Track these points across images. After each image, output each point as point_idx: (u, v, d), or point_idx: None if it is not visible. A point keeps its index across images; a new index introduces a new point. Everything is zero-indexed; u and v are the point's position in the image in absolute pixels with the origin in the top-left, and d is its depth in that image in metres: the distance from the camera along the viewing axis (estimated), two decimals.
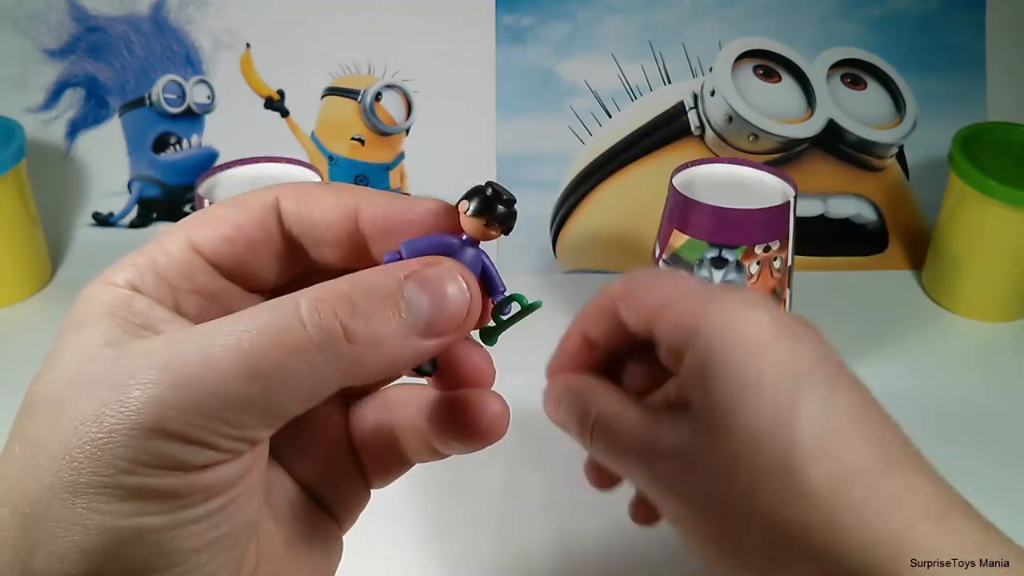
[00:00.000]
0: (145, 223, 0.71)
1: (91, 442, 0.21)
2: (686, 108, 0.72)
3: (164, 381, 0.21)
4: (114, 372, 0.21)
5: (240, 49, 0.71)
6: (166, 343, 0.22)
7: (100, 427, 0.21)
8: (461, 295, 0.24)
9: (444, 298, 0.24)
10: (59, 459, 0.21)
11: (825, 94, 0.72)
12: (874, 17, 0.73)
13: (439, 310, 0.23)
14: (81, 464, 0.21)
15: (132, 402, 0.21)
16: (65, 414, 0.21)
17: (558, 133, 0.71)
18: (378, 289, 0.23)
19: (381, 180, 0.72)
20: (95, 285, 0.24)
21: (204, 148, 0.72)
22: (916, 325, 0.64)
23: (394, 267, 0.24)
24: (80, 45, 0.71)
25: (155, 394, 0.21)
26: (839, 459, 0.27)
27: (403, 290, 0.23)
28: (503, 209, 0.24)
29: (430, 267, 0.24)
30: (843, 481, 0.27)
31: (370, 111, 0.72)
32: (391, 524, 0.48)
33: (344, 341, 0.22)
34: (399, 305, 0.23)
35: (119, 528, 0.21)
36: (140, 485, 0.21)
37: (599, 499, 0.40)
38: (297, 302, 0.22)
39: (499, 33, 0.71)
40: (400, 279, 0.23)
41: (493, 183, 0.24)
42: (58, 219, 0.70)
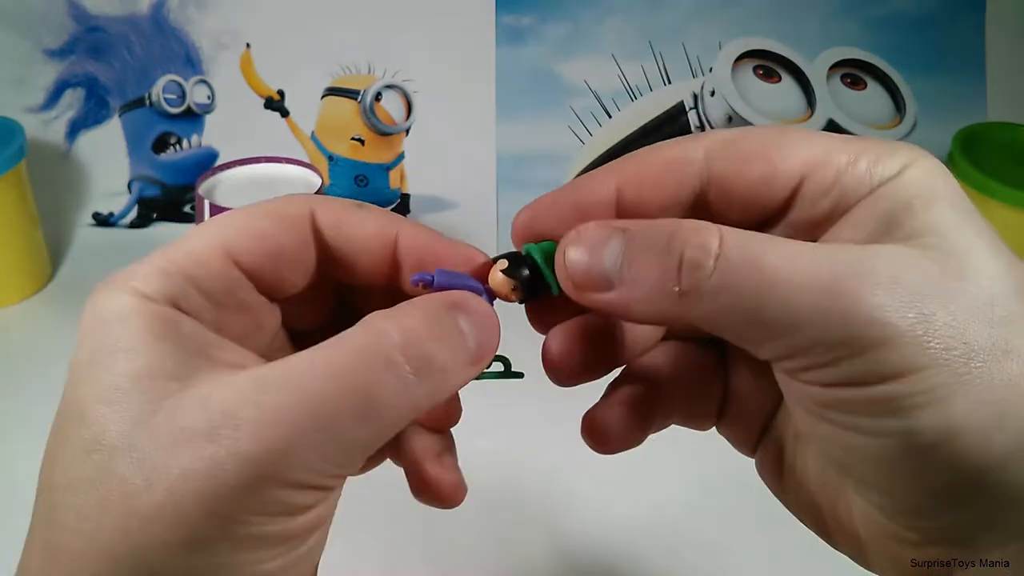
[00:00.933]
0: (145, 223, 0.71)
1: (206, 498, 0.20)
2: (686, 108, 0.72)
3: (271, 429, 0.20)
4: (209, 418, 0.20)
5: (240, 49, 0.71)
6: (255, 381, 0.21)
7: (213, 481, 0.20)
8: (497, 328, 0.24)
9: (491, 330, 0.24)
10: (167, 515, 0.20)
11: (825, 94, 0.72)
12: (874, 17, 0.73)
13: (486, 341, 0.24)
14: (197, 519, 0.20)
15: (244, 453, 0.20)
16: (160, 466, 0.20)
17: (558, 133, 0.71)
18: (445, 322, 0.23)
19: (381, 180, 0.72)
20: (122, 296, 0.23)
21: (204, 148, 0.72)
22: None
23: (447, 301, 0.24)
24: (80, 45, 0.71)
25: (267, 444, 0.20)
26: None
27: (461, 324, 0.24)
28: (531, 279, 0.26)
29: (476, 302, 0.24)
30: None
31: (370, 111, 0.72)
32: (392, 528, 0.48)
33: (431, 375, 0.22)
34: (463, 336, 0.23)
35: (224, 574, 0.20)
36: (260, 534, 0.21)
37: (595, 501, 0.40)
38: (387, 339, 0.22)
39: (499, 33, 0.71)
40: (456, 312, 0.24)
41: (533, 258, 0.26)
42: (58, 219, 0.70)
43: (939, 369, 0.21)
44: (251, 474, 0.20)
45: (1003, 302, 0.22)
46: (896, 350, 0.21)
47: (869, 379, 0.21)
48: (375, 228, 0.26)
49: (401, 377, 0.22)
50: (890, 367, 0.21)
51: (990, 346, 0.21)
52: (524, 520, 0.49)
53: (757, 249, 0.22)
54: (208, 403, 0.21)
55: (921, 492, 0.22)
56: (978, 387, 0.21)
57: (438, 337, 0.23)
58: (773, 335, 0.22)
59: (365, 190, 0.72)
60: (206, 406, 0.20)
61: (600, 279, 0.23)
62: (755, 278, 0.21)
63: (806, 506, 0.27)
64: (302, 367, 0.21)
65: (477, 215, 0.71)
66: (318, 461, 0.21)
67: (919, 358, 0.21)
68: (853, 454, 0.22)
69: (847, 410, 0.22)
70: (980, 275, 0.22)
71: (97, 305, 0.23)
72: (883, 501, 0.23)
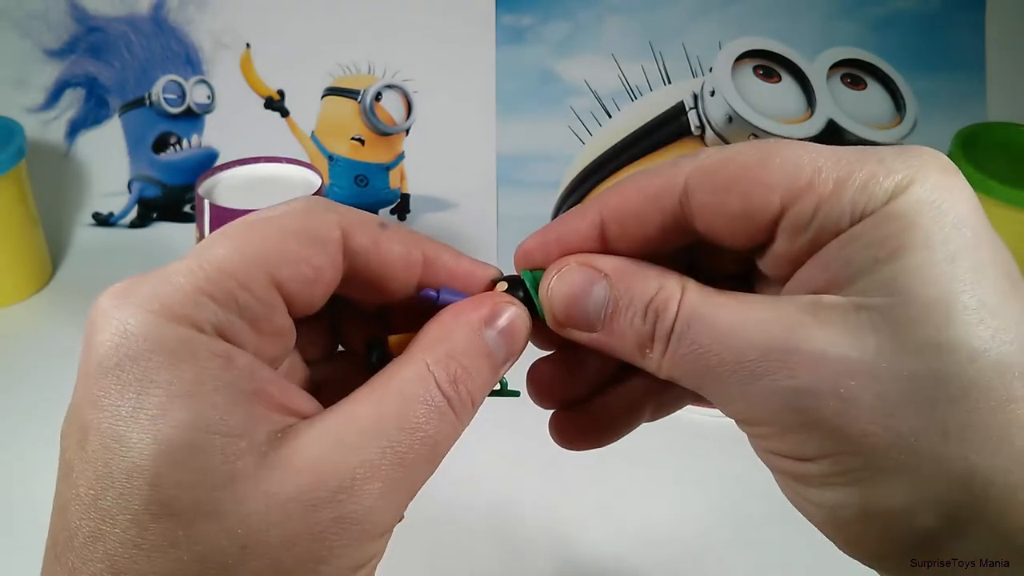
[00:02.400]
0: (145, 223, 0.71)
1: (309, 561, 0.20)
2: (686, 108, 0.72)
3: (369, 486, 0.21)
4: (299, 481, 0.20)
5: (240, 49, 0.71)
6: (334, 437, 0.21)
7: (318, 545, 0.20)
8: (525, 326, 0.26)
9: (517, 345, 0.26)
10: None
11: (825, 94, 0.72)
12: (874, 17, 0.73)
13: (513, 353, 0.25)
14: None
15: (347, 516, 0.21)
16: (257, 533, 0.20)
17: (558, 133, 0.71)
18: (476, 349, 0.24)
19: (381, 180, 0.72)
20: (167, 323, 0.20)
21: (204, 148, 0.72)
22: None
23: (472, 318, 0.25)
24: (80, 45, 0.71)
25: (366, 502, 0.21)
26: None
27: (487, 339, 0.25)
28: (527, 302, 0.27)
29: (510, 319, 0.25)
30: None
31: (370, 111, 0.72)
32: None
33: (472, 406, 0.24)
34: (488, 353, 0.25)
35: None
36: None
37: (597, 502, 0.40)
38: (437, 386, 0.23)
39: (499, 33, 0.71)
40: (483, 326, 0.25)
41: None
42: (58, 219, 0.70)
43: (854, 457, 0.21)
44: (354, 534, 0.21)
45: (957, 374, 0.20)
46: (813, 434, 0.21)
47: (790, 454, 0.22)
48: (402, 252, 0.26)
49: (454, 419, 0.23)
50: (810, 449, 0.21)
51: (920, 429, 0.20)
52: (524, 538, 0.49)
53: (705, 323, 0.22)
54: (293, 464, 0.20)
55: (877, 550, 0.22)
56: (903, 471, 0.20)
57: (473, 371, 0.24)
58: (723, 403, 0.23)
59: (365, 190, 0.72)
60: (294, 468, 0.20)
61: (583, 321, 0.25)
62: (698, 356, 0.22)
63: None
64: (371, 416, 0.22)
65: (477, 215, 0.71)
66: (399, 510, 0.22)
67: (834, 443, 0.21)
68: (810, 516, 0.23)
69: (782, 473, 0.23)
70: (926, 345, 0.20)
71: (128, 325, 0.20)
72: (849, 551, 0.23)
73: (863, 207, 0.21)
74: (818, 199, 0.22)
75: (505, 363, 0.25)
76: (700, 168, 0.23)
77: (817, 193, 0.22)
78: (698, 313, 0.23)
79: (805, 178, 0.22)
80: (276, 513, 0.20)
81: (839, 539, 0.23)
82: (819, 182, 0.22)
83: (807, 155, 0.22)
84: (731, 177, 0.23)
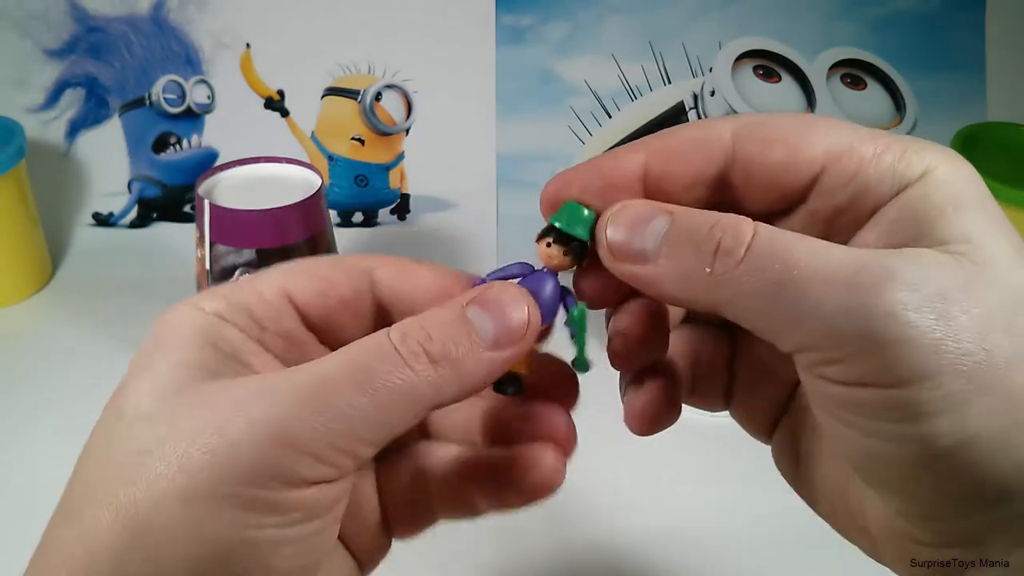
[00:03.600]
0: (145, 223, 0.71)
1: (210, 452, 0.21)
2: (686, 108, 0.72)
3: (287, 399, 0.22)
4: (232, 391, 0.23)
5: (240, 49, 0.71)
6: (278, 374, 0.23)
7: (222, 438, 0.21)
8: (520, 309, 0.25)
9: (505, 313, 0.25)
10: (172, 468, 0.21)
11: (825, 94, 0.72)
12: (874, 17, 0.73)
13: (503, 323, 0.25)
14: (196, 473, 0.21)
15: (257, 415, 0.22)
16: (176, 427, 0.22)
17: (558, 133, 0.71)
18: (445, 318, 0.25)
19: (381, 180, 0.72)
20: (184, 308, 0.25)
21: (204, 148, 0.72)
22: None
23: (455, 299, 0.26)
24: (80, 45, 0.71)
25: (279, 408, 0.22)
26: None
27: (467, 314, 0.25)
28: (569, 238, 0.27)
29: (487, 291, 0.26)
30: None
31: (370, 111, 0.72)
32: None
33: (429, 363, 0.24)
34: (467, 327, 0.25)
35: (226, 539, 0.21)
36: (254, 496, 0.21)
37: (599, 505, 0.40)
38: (386, 333, 0.24)
39: (499, 33, 0.71)
40: (463, 306, 0.25)
41: None
42: (58, 219, 0.70)
43: (956, 375, 0.21)
44: (259, 433, 0.22)
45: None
46: (913, 351, 0.21)
47: (884, 380, 0.21)
48: (431, 282, 0.28)
49: (398, 368, 0.23)
50: (906, 369, 0.21)
51: (1010, 354, 0.21)
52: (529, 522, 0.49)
53: (786, 244, 0.22)
54: (237, 382, 0.23)
55: (939, 498, 0.22)
56: (995, 396, 0.21)
57: (438, 336, 0.24)
58: (791, 325, 0.22)
59: (365, 190, 0.72)
60: (234, 383, 0.23)
61: (638, 252, 0.24)
62: (778, 268, 0.22)
63: (820, 498, 0.28)
64: (317, 361, 0.23)
65: (477, 215, 0.71)
66: (326, 431, 0.22)
67: (936, 362, 0.21)
68: (870, 458, 0.23)
69: (864, 413, 0.22)
70: (1007, 283, 0.22)
71: (164, 316, 0.25)
72: (901, 505, 0.23)
73: (904, 175, 0.23)
74: (859, 161, 0.24)
75: (496, 337, 0.25)
76: (747, 122, 0.25)
77: (859, 156, 0.24)
78: (778, 233, 0.23)
79: (846, 142, 0.24)
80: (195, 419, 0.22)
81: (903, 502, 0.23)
82: (860, 148, 0.24)
83: (846, 126, 0.25)
84: (778, 131, 0.25)
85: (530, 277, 0.27)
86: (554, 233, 0.27)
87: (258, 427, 0.22)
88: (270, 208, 0.50)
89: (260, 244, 0.50)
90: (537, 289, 0.27)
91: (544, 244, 0.27)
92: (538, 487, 0.27)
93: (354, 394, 0.23)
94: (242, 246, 0.50)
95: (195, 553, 0.21)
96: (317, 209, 0.52)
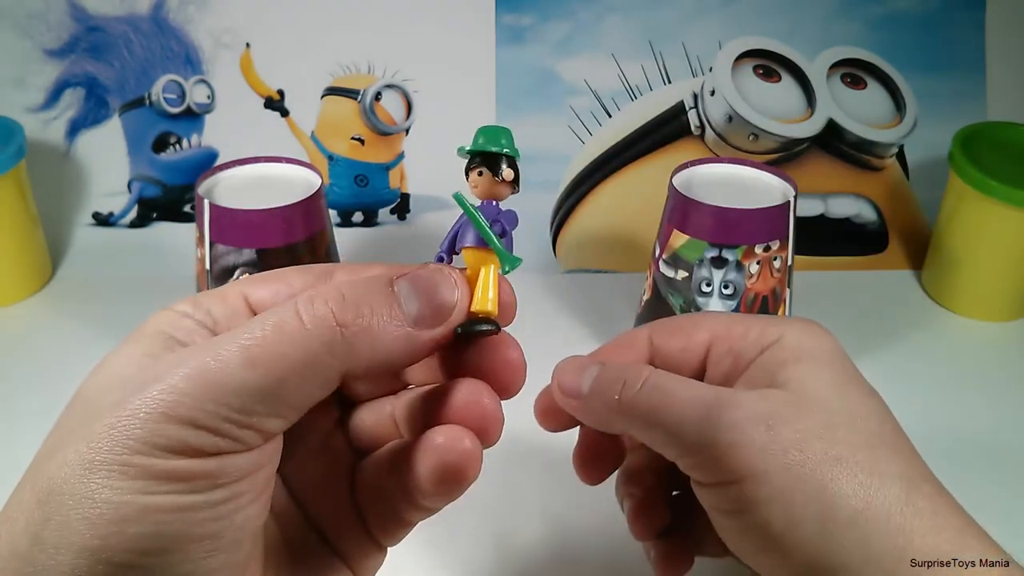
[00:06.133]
0: (145, 223, 0.71)
1: (110, 425, 0.23)
2: (686, 108, 0.72)
3: (178, 374, 0.23)
4: (142, 374, 0.24)
5: (240, 49, 0.71)
6: (188, 350, 0.25)
7: (120, 412, 0.23)
8: (450, 291, 0.27)
9: (434, 292, 0.26)
10: (81, 442, 0.23)
11: (825, 94, 0.72)
12: (874, 17, 0.73)
13: (429, 301, 0.26)
14: (99, 444, 0.23)
15: (150, 392, 0.23)
16: (95, 406, 0.24)
17: (558, 133, 0.71)
18: (369, 286, 0.26)
19: (381, 180, 0.72)
20: (162, 311, 0.27)
21: (204, 148, 0.72)
22: (916, 325, 0.64)
23: (389, 269, 0.27)
24: (80, 45, 0.71)
25: (170, 384, 0.23)
26: None
27: (395, 287, 0.26)
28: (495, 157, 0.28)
29: (420, 268, 0.27)
30: None
31: (370, 111, 0.72)
32: None
33: (336, 328, 0.24)
34: (391, 298, 0.26)
35: (125, 503, 0.22)
36: (150, 465, 0.23)
37: (595, 501, 0.40)
38: (296, 299, 0.25)
39: (499, 33, 0.71)
40: (392, 278, 0.26)
41: None
42: (58, 219, 0.70)
43: (780, 473, 0.28)
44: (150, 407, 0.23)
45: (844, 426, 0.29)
46: (746, 453, 0.29)
47: (727, 478, 0.29)
48: None
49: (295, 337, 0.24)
50: (744, 468, 0.29)
51: (822, 455, 0.28)
52: (523, 514, 0.49)
53: (668, 381, 0.31)
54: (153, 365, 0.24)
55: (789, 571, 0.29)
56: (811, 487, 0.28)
57: (352, 301, 0.25)
58: (669, 437, 0.30)
59: (365, 190, 0.72)
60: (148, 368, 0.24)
61: (576, 390, 0.32)
62: (658, 396, 0.31)
63: None
64: (220, 337, 0.25)
65: None
66: (214, 407, 0.23)
67: (763, 462, 0.28)
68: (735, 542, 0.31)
69: (718, 506, 0.30)
70: (824, 409, 0.30)
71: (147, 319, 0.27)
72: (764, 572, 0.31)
73: (764, 341, 0.33)
74: (732, 338, 0.34)
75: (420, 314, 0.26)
76: (658, 324, 0.36)
77: (732, 335, 0.34)
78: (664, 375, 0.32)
79: (724, 327, 0.34)
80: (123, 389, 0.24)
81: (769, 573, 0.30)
82: (733, 328, 0.34)
83: (725, 315, 0.35)
84: (677, 325, 0.35)
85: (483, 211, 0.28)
86: (480, 157, 0.28)
87: (150, 401, 0.23)
88: (270, 208, 0.50)
89: (260, 244, 0.50)
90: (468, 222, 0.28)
91: (476, 174, 0.28)
92: (439, 472, 0.27)
93: (243, 369, 0.23)
94: (242, 246, 0.50)
95: (97, 517, 0.22)
96: (317, 209, 0.52)
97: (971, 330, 0.64)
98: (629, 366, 0.32)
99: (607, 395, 0.31)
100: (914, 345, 0.62)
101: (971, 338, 0.63)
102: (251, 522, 0.25)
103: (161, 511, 0.23)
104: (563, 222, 0.70)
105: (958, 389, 0.58)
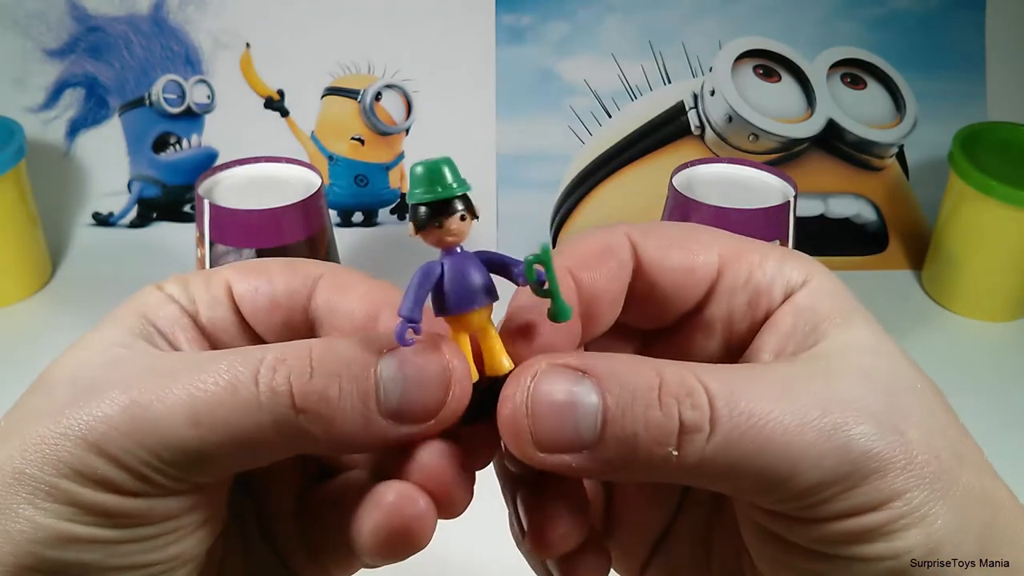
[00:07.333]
0: (145, 223, 0.71)
1: (43, 439, 0.21)
2: (686, 108, 0.72)
3: (120, 403, 0.21)
4: (102, 372, 0.22)
5: (240, 49, 0.71)
6: (147, 364, 0.22)
7: (55, 427, 0.21)
8: (441, 388, 0.22)
9: (423, 385, 0.22)
10: (16, 444, 0.21)
11: (825, 94, 0.72)
12: (874, 17, 0.73)
13: (416, 396, 0.22)
14: (30, 456, 0.21)
15: (86, 413, 0.21)
16: (46, 399, 0.22)
17: (558, 133, 0.71)
18: (345, 358, 0.22)
19: (381, 180, 0.72)
20: (149, 288, 0.25)
21: (204, 148, 0.72)
22: (916, 325, 0.64)
23: (377, 338, 0.22)
24: (80, 45, 0.71)
25: (107, 413, 0.21)
26: None
27: (378, 369, 0.22)
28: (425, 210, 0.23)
29: (415, 350, 0.22)
30: None
31: (370, 111, 0.72)
32: None
33: (291, 411, 0.21)
34: (367, 383, 0.21)
35: (46, 526, 0.21)
36: (75, 494, 0.21)
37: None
38: (263, 356, 0.22)
39: (499, 33, 0.71)
40: (379, 351, 0.22)
41: None
42: (58, 219, 0.70)
43: (920, 490, 0.21)
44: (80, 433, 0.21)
45: (940, 410, 0.23)
46: (888, 477, 0.21)
47: (864, 508, 0.21)
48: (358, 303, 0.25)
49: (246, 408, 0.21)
50: (885, 494, 0.21)
51: (949, 456, 0.22)
52: None
53: (745, 399, 0.21)
54: (113, 367, 0.22)
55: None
56: (949, 499, 0.21)
57: (320, 378, 0.21)
58: (775, 484, 0.21)
59: (365, 190, 0.72)
60: (106, 369, 0.22)
61: (573, 441, 0.21)
62: (752, 437, 0.20)
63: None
64: (177, 366, 0.22)
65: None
66: (143, 452, 0.21)
67: (905, 482, 0.21)
68: None
69: (841, 541, 0.21)
70: (917, 388, 0.22)
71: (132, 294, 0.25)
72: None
73: (788, 280, 0.24)
74: (749, 265, 0.24)
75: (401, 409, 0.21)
76: (639, 228, 0.25)
77: (747, 261, 0.25)
78: (732, 386, 0.21)
79: (735, 248, 0.25)
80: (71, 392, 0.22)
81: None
82: (748, 254, 0.25)
83: (727, 233, 0.25)
84: (670, 236, 0.25)
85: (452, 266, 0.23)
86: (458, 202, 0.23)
87: (82, 426, 0.21)
88: (270, 208, 0.50)
89: (260, 244, 0.50)
90: (464, 272, 0.22)
91: (456, 219, 0.22)
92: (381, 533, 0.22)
93: (184, 425, 0.21)
94: (242, 246, 0.50)
95: (17, 534, 0.21)
96: (317, 209, 0.52)
97: (971, 330, 0.64)
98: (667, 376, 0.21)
99: (648, 449, 0.21)
100: (914, 345, 0.62)
101: (971, 338, 0.63)
102: (190, 551, 0.23)
103: (82, 541, 0.21)
104: (563, 222, 0.70)
105: (958, 389, 0.58)
